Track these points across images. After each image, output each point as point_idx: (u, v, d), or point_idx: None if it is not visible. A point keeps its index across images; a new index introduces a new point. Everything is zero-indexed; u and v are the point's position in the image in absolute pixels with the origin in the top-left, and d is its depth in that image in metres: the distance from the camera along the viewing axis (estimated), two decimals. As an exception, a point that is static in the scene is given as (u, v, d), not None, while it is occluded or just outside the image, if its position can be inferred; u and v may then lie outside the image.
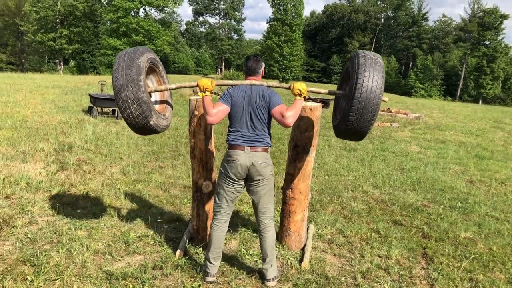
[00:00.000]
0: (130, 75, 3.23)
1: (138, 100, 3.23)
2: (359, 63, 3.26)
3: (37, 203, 4.92)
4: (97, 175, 6.35)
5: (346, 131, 3.41)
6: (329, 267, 3.94)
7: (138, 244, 4.13)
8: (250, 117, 3.40)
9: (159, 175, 6.74)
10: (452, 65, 70.16)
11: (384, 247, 4.49)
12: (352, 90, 3.21)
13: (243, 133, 3.40)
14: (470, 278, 3.93)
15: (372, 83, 3.15)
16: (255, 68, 3.59)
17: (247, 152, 3.36)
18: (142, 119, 3.31)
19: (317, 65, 78.08)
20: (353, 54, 3.47)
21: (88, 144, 8.22)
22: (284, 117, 3.25)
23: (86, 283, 3.31)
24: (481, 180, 8.55)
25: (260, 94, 3.42)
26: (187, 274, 3.58)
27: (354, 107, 3.18)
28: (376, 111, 3.20)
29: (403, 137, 13.89)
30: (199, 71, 74.37)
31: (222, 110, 3.39)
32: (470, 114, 23.93)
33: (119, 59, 3.35)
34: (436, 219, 5.66)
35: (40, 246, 3.89)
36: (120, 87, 3.22)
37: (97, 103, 11.65)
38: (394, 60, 72.79)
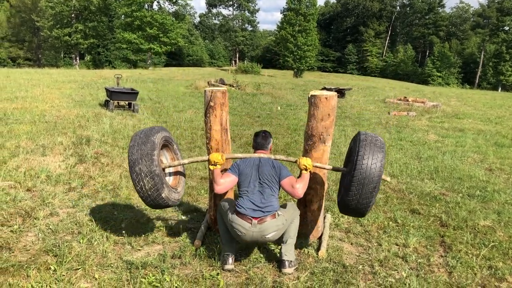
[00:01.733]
0: (144, 150, 3.41)
1: (151, 173, 3.38)
2: (360, 141, 3.41)
3: (58, 195, 5.02)
4: (115, 168, 6.43)
5: (347, 207, 3.47)
6: (346, 256, 3.95)
7: (157, 234, 4.19)
8: (259, 181, 3.59)
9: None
10: (470, 52, 69.07)
11: (402, 236, 4.48)
12: (353, 166, 3.31)
13: (251, 198, 3.52)
14: (489, 266, 3.90)
15: (372, 161, 3.26)
16: (263, 144, 3.90)
17: (254, 225, 3.43)
18: (154, 191, 3.44)
19: (332, 55, 77.58)
20: (356, 134, 3.62)
21: (105, 137, 8.32)
22: (294, 188, 3.48)
23: (107, 272, 3.38)
24: (500, 168, 8.43)
25: (269, 163, 3.67)
26: (205, 263, 3.63)
27: (354, 182, 3.27)
28: (376, 188, 3.28)
29: (421, 126, 13.74)
30: (213, 63, 74.50)
31: (230, 180, 3.66)
32: (489, 102, 23.54)
33: (136, 136, 3.55)
34: (455, 207, 5.61)
35: (61, 237, 3.98)
36: (135, 161, 3.39)
37: (113, 97, 11.76)
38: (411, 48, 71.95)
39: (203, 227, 4.31)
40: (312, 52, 52.64)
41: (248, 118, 12.60)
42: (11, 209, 4.50)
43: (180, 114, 12.34)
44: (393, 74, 68.46)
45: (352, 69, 74.82)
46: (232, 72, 40.30)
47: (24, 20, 56.24)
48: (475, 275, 3.69)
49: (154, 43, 48.95)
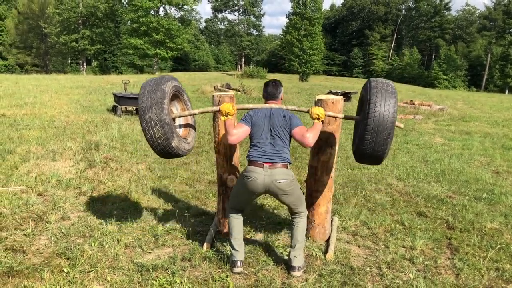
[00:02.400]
0: (154, 98, 3.39)
1: (161, 122, 3.37)
2: (371, 88, 3.38)
3: (68, 200, 5.10)
4: (124, 172, 6.52)
5: (363, 155, 3.48)
6: (354, 258, 3.99)
7: (167, 237, 4.26)
8: (271, 134, 3.56)
9: (184, 171, 6.87)
10: (476, 55, 68.77)
11: (409, 238, 4.52)
12: (366, 114, 3.31)
13: (263, 149, 3.52)
14: (497, 268, 3.92)
15: (385, 107, 3.24)
16: (274, 93, 3.79)
17: (266, 169, 3.45)
18: (164, 140, 3.43)
19: (338, 59, 77.55)
20: (366, 81, 3.59)
21: (114, 142, 8.41)
22: (304, 138, 3.44)
23: (119, 274, 3.45)
24: (507, 171, 8.43)
25: (281, 114, 3.61)
26: (215, 265, 3.68)
27: (368, 130, 3.27)
28: (390, 134, 3.27)
29: (427, 129, 13.75)
30: (219, 68, 74.72)
31: (243, 130, 3.59)
32: (496, 105, 23.49)
33: (145, 84, 3.53)
34: (461, 210, 5.63)
35: (73, 240, 4.05)
36: (145, 110, 3.38)
37: (121, 102, 11.88)
38: (417, 52, 71.74)
39: (212, 230, 4.36)
40: (317, 56, 52.75)
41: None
42: (23, 213, 4.59)
43: (187, 119, 12.42)
44: (399, 78, 68.28)
45: (358, 73, 74.75)
46: (238, 77, 40.44)
47: (32, 26, 56.79)
48: (482, 277, 3.72)
49: (160, 48, 49.25)
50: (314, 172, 4.32)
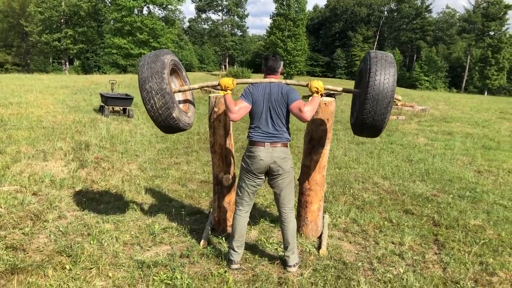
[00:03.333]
0: (154, 68, 3.44)
1: (162, 91, 3.41)
2: (370, 58, 3.46)
3: (64, 199, 5.15)
4: (116, 172, 6.58)
5: (363, 126, 3.56)
6: (346, 254, 4.14)
7: (164, 235, 4.35)
8: (270, 113, 3.58)
9: (175, 170, 6.96)
10: (456, 56, 70.03)
11: (397, 235, 4.69)
12: (366, 84, 3.39)
13: (263, 130, 3.58)
14: (481, 262, 4.12)
15: (385, 76, 3.32)
16: (274, 67, 3.76)
17: (267, 148, 3.54)
18: (165, 110, 3.46)
19: (321, 60, 78.06)
20: (365, 54, 3.66)
21: (103, 142, 8.45)
22: (302, 112, 3.42)
23: (120, 271, 3.54)
24: (488, 170, 8.72)
25: (279, 90, 3.59)
26: (213, 262, 3.80)
27: (368, 99, 3.34)
28: (390, 103, 3.35)
29: (410, 129, 14.05)
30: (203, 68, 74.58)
31: (243, 107, 3.57)
32: (476, 106, 24.03)
33: (145, 57, 3.59)
34: (446, 208, 5.84)
35: (72, 238, 4.12)
36: (145, 79, 3.42)
37: (108, 102, 11.88)
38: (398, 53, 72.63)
39: (208, 228, 4.48)
40: (301, 57, 53.15)
41: (242, 123, 12.75)
42: (20, 212, 4.63)
43: (174, 119, 12.47)
44: (382, 79, 68.99)
45: (341, 74, 75.34)
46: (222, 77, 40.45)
47: (12, 25, 55.95)
48: (468, 271, 3.90)
49: (144, 48, 48.90)
50: (307, 171, 4.46)
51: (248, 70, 46.72)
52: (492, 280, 3.76)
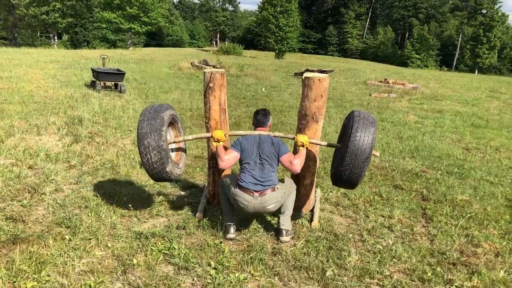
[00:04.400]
0: (154, 125, 3.63)
1: (159, 147, 3.60)
2: (354, 116, 3.72)
3: (60, 173, 5.21)
4: (110, 147, 6.62)
5: (340, 177, 3.74)
6: (337, 226, 4.28)
7: (160, 207, 4.46)
8: (259, 158, 3.85)
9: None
10: (448, 34, 69.97)
11: (387, 208, 4.84)
12: (348, 139, 3.60)
13: (252, 173, 3.79)
14: (466, 234, 4.28)
15: (364, 134, 3.55)
16: (264, 121, 4.13)
17: (256, 198, 3.73)
18: (160, 164, 3.66)
19: (313, 36, 77.65)
20: (350, 112, 3.91)
21: (96, 117, 8.45)
22: (292, 164, 3.80)
23: (119, 241, 3.64)
24: (476, 147, 8.89)
25: (269, 140, 3.94)
26: (208, 233, 3.91)
27: (349, 151, 3.55)
28: (367, 160, 3.57)
29: (401, 107, 14.16)
30: (194, 44, 73.89)
31: (233, 156, 3.91)
32: (467, 84, 24.10)
33: (146, 111, 3.76)
34: (435, 183, 6.00)
35: (70, 210, 4.21)
36: (144, 135, 3.61)
37: (100, 77, 11.81)
38: (391, 31, 72.48)
39: (204, 201, 4.59)
40: (293, 34, 52.71)
41: (234, 100, 12.81)
42: (17, 185, 4.69)
43: (166, 95, 12.48)
44: (373, 56, 69.07)
45: (332, 51, 75.12)
46: (214, 53, 40.20)
47: (-1, -3, 54.71)
48: (454, 242, 4.07)
49: (134, 23, 48.30)
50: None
51: (240, 46, 46.41)
52: (477, 251, 3.93)
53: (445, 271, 3.51)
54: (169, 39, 71.60)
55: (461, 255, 3.82)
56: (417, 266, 3.53)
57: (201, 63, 20.55)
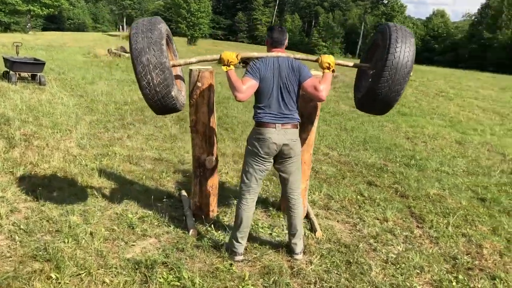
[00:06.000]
0: (152, 38, 2.96)
1: (161, 65, 2.95)
2: (389, 28, 3.29)
3: (8, 188, 4.36)
4: (53, 151, 5.78)
5: (374, 99, 3.39)
6: (340, 234, 4.04)
7: (143, 226, 3.88)
8: (280, 91, 3.26)
9: (119, 147, 6.30)
10: (351, 23, 73.11)
11: (377, 210, 4.71)
12: (384, 58, 3.19)
13: (274, 109, 3.26)
14: (462, 234, 4.26)
15: (405, 49, 3.17)
16: (281, 40, 3.41)
17: (279, 129, 3.24)
18: (164, 87, 3.01)
19: (223, 22, 77.13)
20: (383, 27, 3.45)
21: (24, 115, 7.41)
22: (318, 90, 3.16)
23: (116, 274, 3.06)
24: (415, 136, 9.23)
25: (289, 66, 3.28)
26: (212, 254, 3.46)
27: (388, 65, 3.16)
28: (406, 81, 3.22)
29: (330, 96, 14.30)
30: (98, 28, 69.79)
31: (251, 85, 3.21)
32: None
33: (138, 24, 3.08)
34: (403, 178, 6.01)
35: (39, 237, 3.49)
36: (141, 51, 2.93)
37: (15, 68, 10.46)
38: (298, 18, 74.24)
39: (189, 214, 4.11)
40: (205, 19, 51.81)
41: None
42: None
43: (92, 86, 11.42)
44: (282, 43, 70.11)
45: (243, 38, 75.18)
46: (124, 39, 38.17)
47: None
48: (457, 244, 4.01)
49: (33, 4, 44.23)
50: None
51: (151, 31, 44.42)
52: (482, 252, 3.90)
53: (468, 278, 3.42)
54: (70, 22, 66.88)
55: (472, 259, 3.76)
56: (441, 276, 3.40)
57: (119, 50, 19.30)
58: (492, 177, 6.50)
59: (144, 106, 9.22)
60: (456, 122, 11.57)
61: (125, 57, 18.29)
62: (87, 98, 9.66)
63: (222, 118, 9.13)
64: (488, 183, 6.12)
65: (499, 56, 51.50)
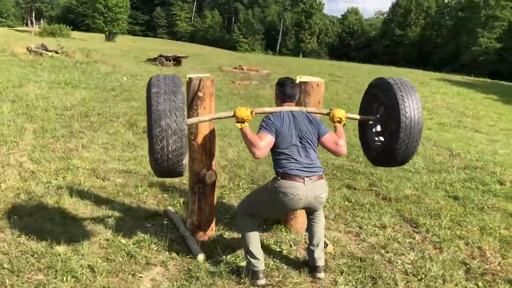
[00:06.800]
0: (176, 102, 2.70)
1: (181, 132, 2.70)
2: (395, 92, 3.19)
3: (-31, 217, 3.75)
4: (5, 167, 5.10)
5: (392, 159, 3.36)
6: (349, 246, 3.91)
7: (142, 252, 3.49)
8: (300, 141, 3.16)
9: (79, 160, 5.71)
10: (271, 20, 74.23)
11: (371, 216, 4.64)
12: (397, 120, 3.13)
13: (297, 159, 3.10)
14: (459, 236, 4.31)
15: (414, 106, 3.14)
16: (294, 95, 3.37)
17: (308, 184, 3.06)
18: (177, 155, 2.75)
19: (141, 18, 74.74)
20: (384, 85, 3.34)
21: (-46, 125, 6.51)
22: (338, 146, 3.23)
23: (137, 317, 2.68)
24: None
25: (306, 118, 3.26)
26: (230, 281, 3.17)
27: (402, 126, 3.11)
28: (420, 136, 3.21)
29: (267, 95, 14.28)
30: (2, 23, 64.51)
31: (270, 141, 3.09)
32: (305, 69, 25.64)
33: (159, 82, 2.78)
34: (376, 179, 6.02)
35: (30, 277, 2.98)
36: (162, 113, 2.65)
37: None
38: (218, 14, 73.97)
39: (189, 235, 3.77)
40: (123, 14, 49.83)
41: (103, 92, 11.31)
42: None
43: (22, 89, 10.32)
44: (203, 40, 69.52)
45: (162, 33, 73.52)
46: (36, 35, 35.65)
47: None
48: (461, 250, 4.04)
49: None
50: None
51: (67, 27, 41.84)
52: (486, 254, 3.97)
53: (488, 284, 3.44)
54: (-32, 16, 61.30)
55: (480, 263, 3.80)
56: (463, 285, 3.39)
57: (40, 48, 17.84)
58: (451, 173, 6.72)
59: (88, 111, 8.57)
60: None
61: (48, 56, 16.93)
62: (21, 104, 8.73)
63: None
64: (452, 180, 6.31)
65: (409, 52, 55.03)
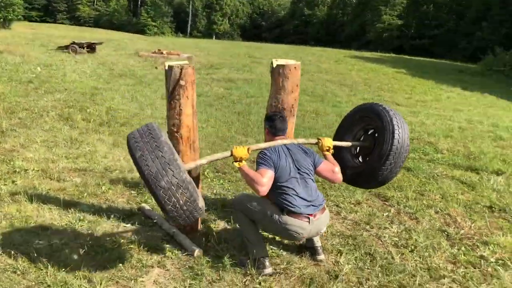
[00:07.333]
0: (165, 157, 2.57)
1: (183, 183, 2.58)
2: (391, 117, 3.35)
3: None
4: None
5: (373, 180, 3.47)
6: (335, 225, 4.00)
7: (133, 254, 3.27)
8: (299, 173, 3.19)
9: (23, 161, 5.12)
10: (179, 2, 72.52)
11: (344, 194, 4.76)
12: (390, 137, 3.28)
13: (298, 192, 3.09)
14: (427, 205, 4.58)
15: (404, 135, 3.30)
16: (284, 128, 3.44)
17: (312, 223, 3.06)
18: (191, 203, 2.63)
19: (37, 2, 69.31)
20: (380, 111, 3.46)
21: None
22: (335, 173, 3.29)
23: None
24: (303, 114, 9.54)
25: (299, 150, 3.33)
26: (237, 273, 3.08)
27: (393, 150, 3.25)
28: (403, 163, 3.39)
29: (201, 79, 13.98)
30: None
31: (271, 177, 3.05)
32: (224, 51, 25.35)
33: (138, 142, 2.64)
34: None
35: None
36: (157, 175, 2.52)
37: None
38: (123, -3, 70.77)
39: (178, 232, 3.61)
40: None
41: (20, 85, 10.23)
42: None
43: None
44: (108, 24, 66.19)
45: (62, 19, 68.85)
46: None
47: None
48: (432, 217, 4.29)
49: None
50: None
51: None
52: (457, 220, 4.25)
53: (470, 248, 3.69)
54: None
55: (456, 229, 4.06)
56: (450, 251, 3.60)
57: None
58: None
59: (12, 107, 7.82)
60: (319, 96, 12.31)
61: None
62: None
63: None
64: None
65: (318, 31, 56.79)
